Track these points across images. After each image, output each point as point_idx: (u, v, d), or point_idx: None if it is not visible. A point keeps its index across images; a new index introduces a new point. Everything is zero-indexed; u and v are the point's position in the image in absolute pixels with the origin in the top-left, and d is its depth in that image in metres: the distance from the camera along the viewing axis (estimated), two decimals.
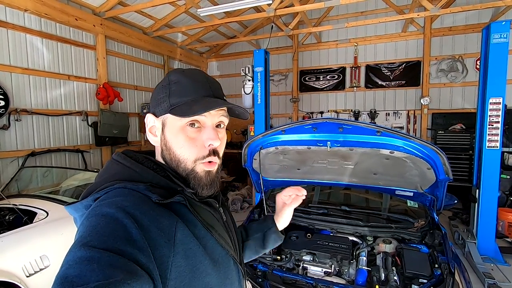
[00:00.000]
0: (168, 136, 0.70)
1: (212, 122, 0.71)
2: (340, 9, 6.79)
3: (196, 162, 0.70)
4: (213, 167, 0.72)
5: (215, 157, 0.71)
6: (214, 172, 0.73)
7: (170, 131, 0.70)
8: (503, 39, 3.33)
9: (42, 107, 4.14)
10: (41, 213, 2.53)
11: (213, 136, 0.70)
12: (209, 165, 0.71)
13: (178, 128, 0.69)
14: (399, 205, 2.55)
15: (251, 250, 1.04)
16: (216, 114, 0.71)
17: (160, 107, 0.70)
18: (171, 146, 0.70)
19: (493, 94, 3.43)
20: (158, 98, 0.71)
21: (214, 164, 0.72)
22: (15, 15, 3.79)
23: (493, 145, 3.47)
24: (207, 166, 0.71)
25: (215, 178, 0.73)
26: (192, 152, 0.69)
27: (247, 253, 1.04)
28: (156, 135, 0.73)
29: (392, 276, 1.71)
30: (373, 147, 1.89)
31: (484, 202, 3.57)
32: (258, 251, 1.04)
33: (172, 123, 0.69)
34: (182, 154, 0.69)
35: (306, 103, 7.40)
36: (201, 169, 0.70)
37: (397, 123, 6.49)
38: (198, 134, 0.69)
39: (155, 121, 0.73)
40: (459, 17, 5.92)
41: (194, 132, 0.69)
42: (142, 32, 5.86)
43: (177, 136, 0.69)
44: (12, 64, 3.77)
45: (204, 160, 0.70)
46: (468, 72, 5.92)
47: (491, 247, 3.54)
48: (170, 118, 0.69)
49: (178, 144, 0.69)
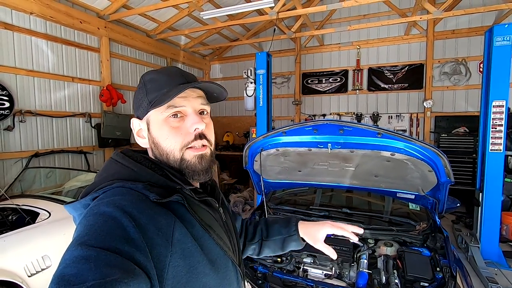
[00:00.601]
0: (154, 133, 0.71)
1: (194, 109, 0.71)
2: (342, 12, 6.80)
3: (183, 150, 0.70)
4: (205, 150, 0.72)
5: (203, 140, 0.71)
6: (208, 155, 0.73)
7: (154, 127, 0.71)
8: (506, 42, 3.32)
9: (46, 109, 4.18)
10: (43, 213, 2.55)
11: (197, 119, 0.70)
12: (200, 149, 0.71)
13: (161, 121, 0.69)
14: (400, 208, 2.53)
15: (270, 249, 1.05)
16: (195, 101, 0.71)
17: (141, 108, 0.72)
18: (158, 141, 0.71)
19: (496, 97, 3.41)
20: (138, 100, 0.73)
21: (205, 148, 0.72)
22: (20, 18, 3.84)
23: (497, 148, 3.44)
24: (197, 150, 0.71)
25: (210, 162, 0.73)
26: (178, 141, 0.69)
27: (266, 251, 1.05)
28: (144, 137, 0.74)
29: (393, 279, 1.69)
30: (373, 149, 1.88)
31: (488, 206, 3.54)
32: (276, 251, 1.05)
33: (155, 118, 0.70)
34: (168, 145, 0.70)
35: (308, 105, 7.40)
36: (190, 156, 0.70)
37: (400, 126, 6.47)
38: (181, 123, 0.70)
39: (140, 124, 0.74)
40: (462, 20, 5.90)
41: (177, 122, 0.70)
42: (146, 35, 5.91)
43: (161, 129, 0.70)
44: (17, 66, 3.81)
45: (190, 145, 0.70)
46: (472, 75, 5.89)
47: (495, 252, 3.50)
48: (153, 115, 0.70)
49: (163, 136, 0.70)
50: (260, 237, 1.06)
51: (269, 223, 1.08)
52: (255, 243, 1.05)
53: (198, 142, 0.71)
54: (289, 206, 2.62)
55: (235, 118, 8.05)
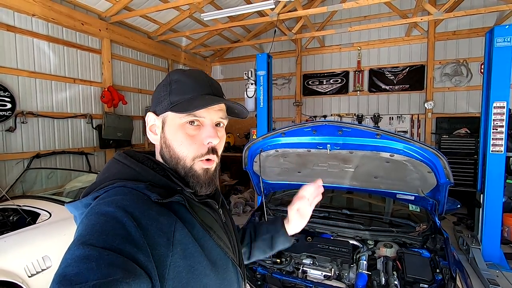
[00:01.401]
0: (168, 134, 0.71)
1: (212, 121, 0.71)
2: (343, 14, 6.81)
3: (195, 160, 0.70)
4: (211, 165, 0.72)
5: (214, 155, 0.72)
6: (212, 171, 0.73)
7: (170, 128, 0.71)
8: (506, 43, 3.31)
9: (47, 110, 4.21)
10: (44, 214, 2.56)
11: (213, 134, 0.70)
12: (207, 163, 0.71)
13: (178, 125, 0.69)
14: (400, 209, 2.53)
15: (260, 250, 1.03)
16: (215, 113, 0.72)
17: (160, 106, 0.72)
18: (170, 143, 0.71)
19: (497, 98, 3.40)
20: (159, 96, 0.72)
21: (212, 162, 0.72)
22: (23, 19, 3.87)
23: (498, 149, 3.43)
24: (205, 164, 0.71)
25: (213, 176, 0.74)
26: (191, 150, 0.70)
27: (256, 253, 1.04)
28: (156, 133, 0.74)
29: (392, 280, 1.69)
30: (373, 150, 1.88)
31: (489, 207, 3.52)
32: (266, 251, 1.04)
33: (172, 120, 0.70)
34: (181, 151, 0.70)
35: (309, 106, 7.40)
36: (199, 167, 0.71)
37: (401, 127, 6.46)
38: (197, 132, 0.70)
39: (156, 120, 0.74)
40: (463, 21, 5.90)
41: (193, 129, 0.70)
42: (147, 36, 5.93)
43: (177, 133, 0.69)
44: (19, 67, 3.84)
45: (203, 158, 0.70)
46: (473, 76, 5.88)
47: (496, 253, 3.48)
48: (170, 116, 0.70)
49: (178, 141, 0.70)
50: (249, 240, 1.05)
51: (257, 225, 1.09)
52: (245, 246, 1.04)
53: (209, 156, 0.71)
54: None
55: (236, 119, 7.98)
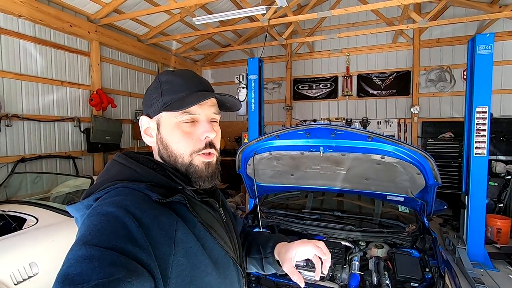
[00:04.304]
0: (164, 134, 0.72)
1: (206, 116, 0.73)
2: (332, 20, 6.96)
3: (193, 155, 0.71)
4: (211, 159, 0.74)
5: (212, 149, 0.73)
6: (214, 163, 0.75)
7: (165, 128, 0.71)
8: (487, 51, 3.46)
9: (34, 113, 4.10)
10: (31, 219, 2.48)
11: (209, 128, 0.72)
12: (207, 157, 0.72)
13: (173, 124, 0.70)
14: (390, 211, 2.58)
15: (253, 266, 0.98)
16: (208, 109, 0.73)
17: (153, 108, 0.72)
18: (167, 143, 0.71)
19: (479, 103, 3.54)
20: (151, 99, 0.73)
21: (212, 156, 0.74)
22: (9, 20, 3.78)
23: (481, 152, 3.56)
24: (206, 157, 0.72)
25: (215, 169, 0.75)
26: (189, 146, 0.71)
27: (251, 267, 0.99)
28: (151, 135, 0.75)
29: (384, 280, 1.72)
30: (364, 152, 1.93)
31: (473, 208, 3.64)
32: (258, 270, 0.97)
33: (167, 121, 0.71)
34: (179, 149, 0.71)
35: (299, 111, 7.49)
36: (199, 161, 0.72)
37: (389, 131, 6.61)
38: (193, 128, 0.71)
39: (150, 122, 0.74)
40: (447, 29, 6.13)
41: (189, 127, 0.71)
42: (137, 40, 5.89)
43: (173, 132, 0.71)
44: (4, 69, 3.74)
45: (201, 152, 0.72)
46: (456, 82, 6.10)
47: (481, 253, 3.59)
48: (165, 116, 0.71)
49: (174, 139, 0.71)
50: (244, 252, 0.99)
51: (254, 239, 1.01)
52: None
53: (207, 150, 0.72)
54: (282, 210, 2.63)
55: (227, 123, 8.06)
